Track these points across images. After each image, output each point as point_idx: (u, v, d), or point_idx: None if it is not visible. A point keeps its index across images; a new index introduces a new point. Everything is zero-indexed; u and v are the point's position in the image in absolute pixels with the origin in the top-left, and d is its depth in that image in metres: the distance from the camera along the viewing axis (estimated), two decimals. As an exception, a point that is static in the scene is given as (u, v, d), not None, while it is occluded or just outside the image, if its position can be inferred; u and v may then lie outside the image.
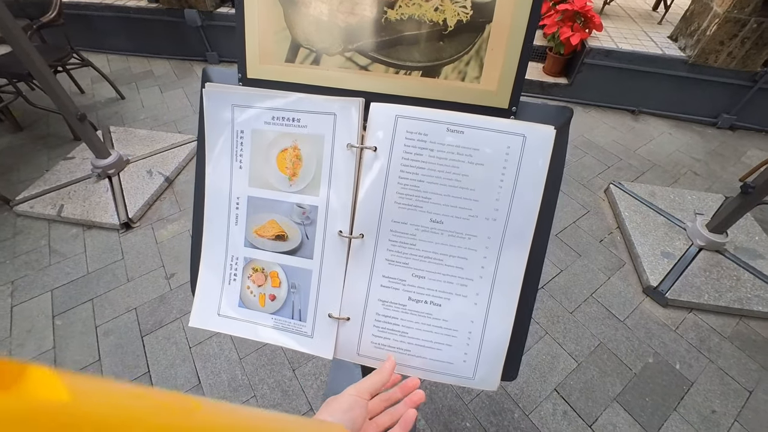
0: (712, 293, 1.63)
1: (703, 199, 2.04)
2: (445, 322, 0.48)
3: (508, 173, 0.45)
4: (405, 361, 0.50)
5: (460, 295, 0.48)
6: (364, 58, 0.46)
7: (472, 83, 0.44)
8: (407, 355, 0.50)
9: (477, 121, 0.43)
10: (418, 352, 0.49)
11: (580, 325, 1.56)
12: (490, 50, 0.42)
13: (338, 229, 0.49)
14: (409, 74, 0.45)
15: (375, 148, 0.46)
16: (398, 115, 0.45)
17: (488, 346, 0.49)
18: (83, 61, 2.51)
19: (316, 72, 0.47)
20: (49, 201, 1.96)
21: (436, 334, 0.48)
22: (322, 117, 0.48)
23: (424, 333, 0.49)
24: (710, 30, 2.33)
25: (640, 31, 2.80)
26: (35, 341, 1.50)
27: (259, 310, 0.53)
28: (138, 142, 2.30)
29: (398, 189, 0.47)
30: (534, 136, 0.44)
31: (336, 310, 0.51)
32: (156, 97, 2.81)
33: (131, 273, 1.72)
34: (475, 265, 0.47)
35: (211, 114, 0.51)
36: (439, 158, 0.45)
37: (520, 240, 0.46)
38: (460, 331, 0.48)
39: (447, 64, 0.44)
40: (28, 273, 1.73)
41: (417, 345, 0.49)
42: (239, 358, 1.44)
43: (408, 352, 0.50)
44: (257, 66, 0.49)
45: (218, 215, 0.54)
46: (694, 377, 1.42)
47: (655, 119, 2.74)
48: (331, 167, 0.48)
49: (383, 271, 0.49)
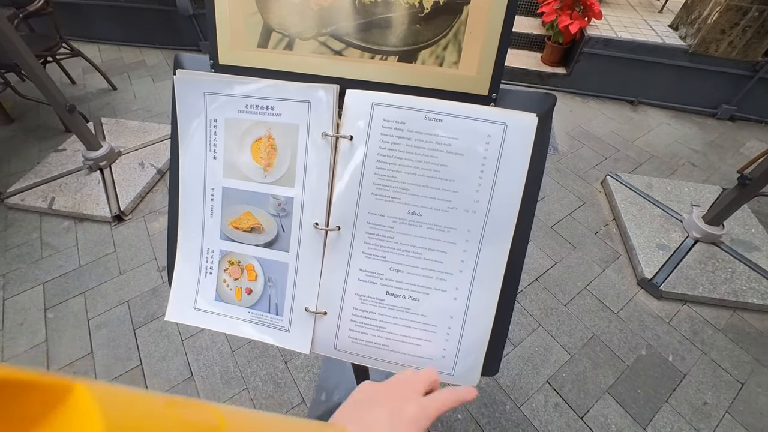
0: (707, 285, 1.62)
1: (700, 190, 2.03)
2: (423, 317, 0.47)
3: (488, 163, 0.43)
4: (382, 356, 0.49)
5: (440, 289, 0.46)
6: (338, 42, 0.44)
7: (451, 68, 0.42)
8: (385, 350, 0.49)
9: (456, 108, 0.42)
10: (396, 347, 0.48)
11: (574, 317, 1.55)
12: (469, 33, 0.40)
13: (314, 221, 0.48)
14: (385, 59, 0.43)
15: (351, 137, 0.45)
16: (375, 102, 0.43)
17: (468, 341, 0.48)
18: (73, 51, 2.47)
19: (289, 57, 0.45)
20: (41, 193, 1.94)
21: (414, 329, 0.47)
22: (296, 105, 0.46)
23: (402, 328, 0.48)
24: (711, 18, 2.29)
25: (640, 19, 2.75)
26: (27, 335, 1.49)
27: (236, 304, 0.52)
28: (130, 133, 2.28)
29: (375, 180, 0.45)
30: (515, 125, 0.42)
31: (313, 304, 0.50)
32: (148, 88, 2.77)
33: (123, 266, 1.71)
34: (455, 258, 0.46)
35: (183, 102, 0.49)
36: (417, 147, 0.43)
37: (501, 233, 0.45)
38: (440, 326, 0.47)
39: (424, 49, 0.42)
40: (20, 266, 1.72)
41: (395, 340, 0.48)
42: (231, 350, 1.43)
43: (386, 347, 0.48)
44: (229, 51, 0.47)
45: (193, 207, 0.52)
46: (687, 369, 1.42)
47: (654, 110, 2.70)
48: (306, 157, 0.47)
49: (360, 264, 0.47)
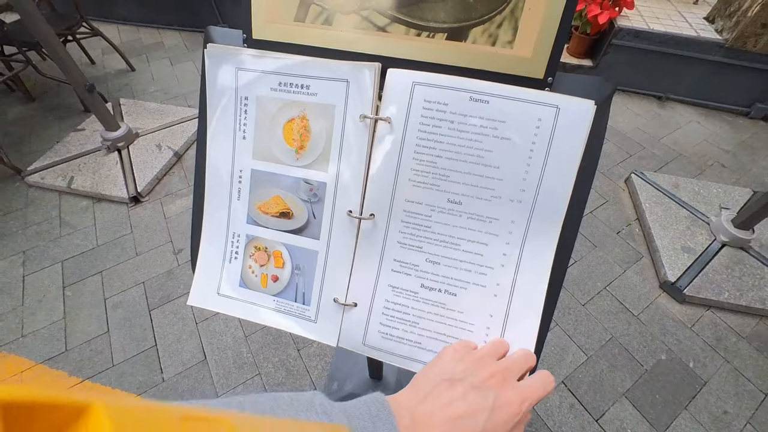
0: (733, 291, 1.56)
1: (729, 192, 1.95)
2: (461, 314, 0.44)
3: (537, 150, 0.40)
4: (414, 355, 0.46)
5: (479, 284, 0.44)
6: (382, 17, 0.40)
7: (504, 48, 0.39)
8: (417, 348, 0.46)
9: (504, 90, 0.38)
10: (429, 345, 0.45)
11: (592, 318, 1.52)
12: (528, 9, 0.37)
13: (348, 209, 0.45)
14: (432, 37, 0.40)
15: (389, 120, 0.42)
16: (415, 81, 0.40)
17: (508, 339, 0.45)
18: (93, 31, 2.47)
19: (328, 33, 0.42)
20: (60, 172, 1.96)
21: (450, 326, 0.45)
22: (333, 84, 0.43)
23: (437, 324, 0.45)
24: (752, 11, 2.17)
25: (673, 10, 2.63)
26: (46, 311, 1.52)
27: (261, 291, 0.50)
28: (148, 115, 2.28)
29: (413, 165, 0.42)
30: (570, 110, 0.39)
31: (342, 295, 0.47)
32: (166, 70, 2.76)
33: (139, 247, 1.72)
34: (497, 251, 0.43)
35: (213, 78, 0.47)
36: (460, 131, 0.40)
37: (549, 226, 0.42)
38: (477, 325, 0.44)
39: (476, 26, 0.39)
40: (39, 243, 1.74)
41: (429, 337, 0.45)
42: (245, 335, 1.44)
43: (418, 344, 0.46)
44: (264, 25, 0.44)
45: (219, 189, 0.50)
46: (708, 377, 1.38)
47: (683, 106, 2.60)
48: (342, 140, 0.44)
49: (395, 254, 0.45)
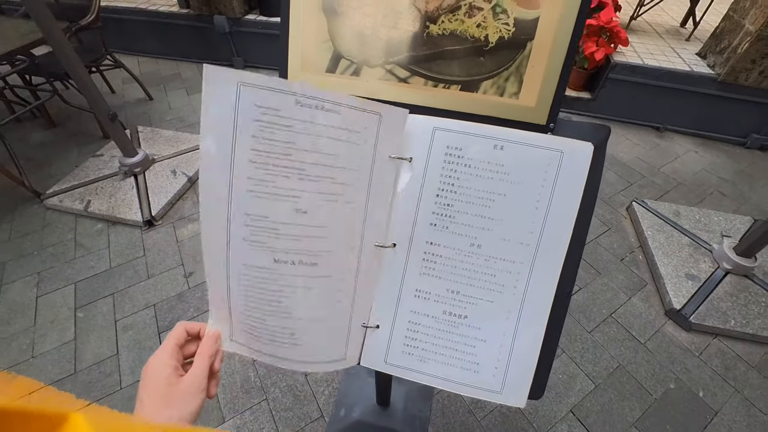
0: (739, 319, 1.57)
1: (730, 220, 1.98)
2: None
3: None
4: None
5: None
6: (403, 70, 0.46)
7: (511, 99, 0.44)
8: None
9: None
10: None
11: (599, 345, 1.52)
12: (531, 67, 0.43)
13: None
14: (447, 88, 0.46)
15: (410, 159, 0.47)
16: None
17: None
18: (116, 63, 2.61)
19: (355, 83, 0.48)
20: (78, 196, 2.03)
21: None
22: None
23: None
24: (741, 48, 2.28)
25: (667, 47, 2.76)
26: (57, 332, 1.54)
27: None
28: (164, 142, 2.37)
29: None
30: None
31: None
32: (182, 99, 2.89)
33: (152, 270, 1.76)
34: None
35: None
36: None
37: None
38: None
39: (486, 80, 0.45)
40: (54, 265, 1.78)
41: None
42: (252, 360, 1.45)
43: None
44: (298, 74, 0.50)
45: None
46: (719, 406, 1.37)
47: (680, 137, 2.68)
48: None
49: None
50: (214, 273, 0.45)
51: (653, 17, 3.23)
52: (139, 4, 3.24)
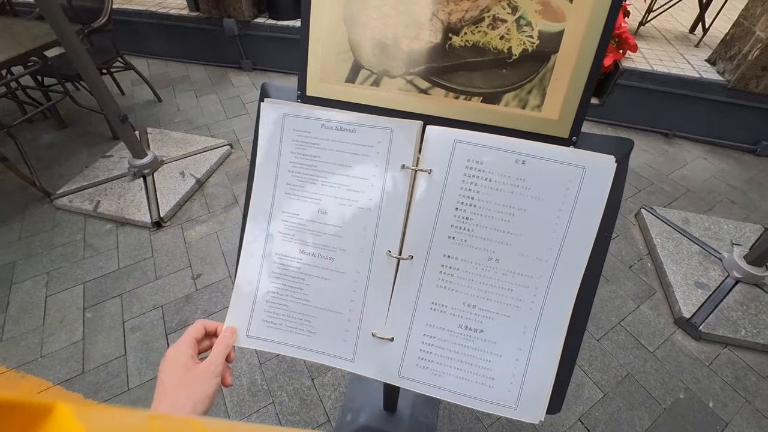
0: (750, 329, 1.55)
1: (740, 228, 1.96)
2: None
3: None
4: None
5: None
6: (424, 81, 0.46)
7: (533, 111, 0.44)
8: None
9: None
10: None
11: (607, 353, 1.51)
12: (554, 80, 0.42)
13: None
14: (468, 100, 0.46)
15: (430, 171, 0.47)
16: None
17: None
18: (126, 65, 2.64)
19: (375, 93, 0.48)
20: (87, 196, 2.05)
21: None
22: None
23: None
24: (752, 55, 2.26)
25: (676, 53, 2.74)
26: (66, 332, 1.55)
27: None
28: (173, 143, 2.39)
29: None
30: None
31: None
32: (191, 101, 2.91)
33: (159, 271, 1.76)
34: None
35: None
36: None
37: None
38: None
39: (508, 92, 0.44)
40: (63, 265, 1.80)
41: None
42: (259, 363, 1.45)
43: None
44: (317, 84, 0.50)
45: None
46: (729, 417, 1.35)
47: (689, 143, 2.66)
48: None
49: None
50: (247, 262, 0.54)
51: (662, 23, 3.22)
52: (150, 7, 3.27)
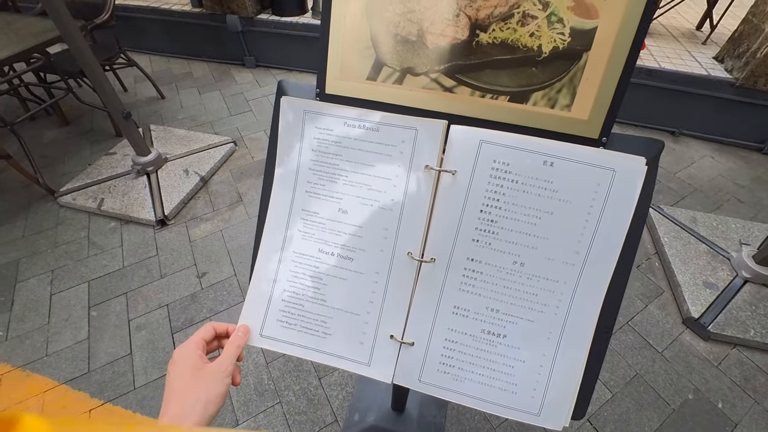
0: (759, 329, 1.54)
1: (748, 228, 1.95)
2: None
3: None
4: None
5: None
6: (449, 80, 0.45)
7: (563, 111, 0.43)
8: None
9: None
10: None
11: (616, 353, 1.50)
12: (585, 79, 0.41)
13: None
14: (495, 98, 0.44)
15: (454, 172, 0.45)
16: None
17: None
18: (129, 61, 2.62)
19: (398, 91, 0.47)
20: (91, 194, 2.04)
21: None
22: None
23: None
24: (761, 52, 2.24)
25: (683, 50, 2.71)
26: (71, 331, 1.54)
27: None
28: (176, 141, 2.37)
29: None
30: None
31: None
32: (194, 98, 2.89)
33: (164, 269, 1.76)
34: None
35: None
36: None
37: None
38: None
39: (537, 91, 0.43)
40: (68, 263, 1.79)
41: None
42: (266, 362, 1.44)
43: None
44: (336, 81, 0.49)
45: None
46: (738, 418, 1.34)
47: (696, 142, 2.64)
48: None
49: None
50: (265, 260, 0.53)
51: (669, 20, 3.19)
52: (152, 3, 3.25)
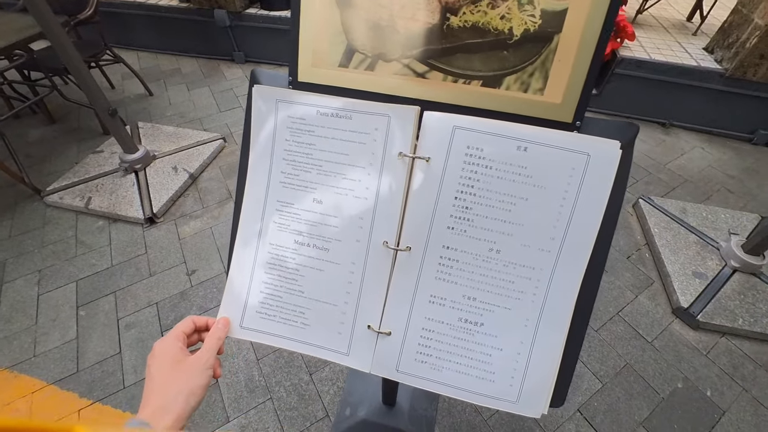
0: (747, 318, 1.55)
1: (737, 218, 1.96)
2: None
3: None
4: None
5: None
6: (421, 65, 0.44)
7: (535, 95, 0.42)
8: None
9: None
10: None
11: (606, 344, 1.50)
12: (557, 61, 0.40)
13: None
14: (468, 83, 0.44)
15: (428, 159, 0.44)
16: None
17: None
18: (116, 58, 2.58)
19: (370, 78, 0.46)
20: (78, 193, 2.01)
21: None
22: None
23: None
24: (750, 42, 2.25)
25: (673, 41, 2.72)
26: (59, 331, 1.53)
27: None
28: (164, 138, 2.34)
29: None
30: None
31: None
32: (183, 95, 2.86)
33: (153, 267, 1.74)
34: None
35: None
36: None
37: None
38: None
39: (509, 75, 0.42)
40: (55, 263, 1.77)
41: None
42: (257, 358, 1.43)
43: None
44: (309, 69, 0.48)
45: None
46: (727, 406, 1.36)
47: (686, 133, 2.65)
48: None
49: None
50: (241, 252, 0.52)
51: (659, 11, 3.19)
52: (138, -2, 3.20)
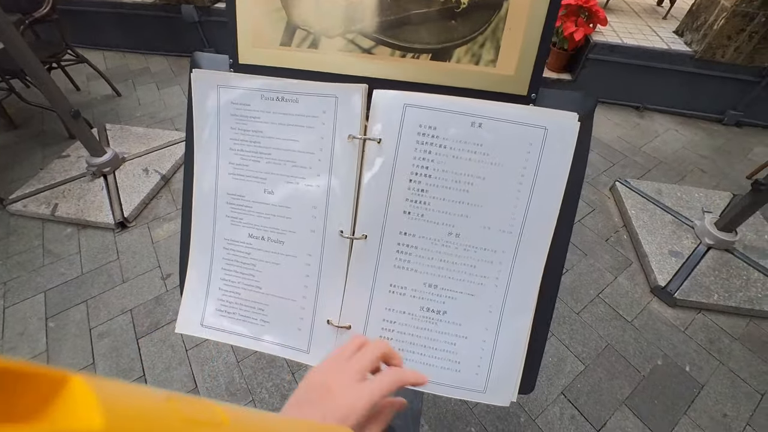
0: (722, 293, 1.59)
1: (710, 196, 2.00)
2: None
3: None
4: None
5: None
6: (367, 40, 0.41)
7: (487, 67, 0.40)
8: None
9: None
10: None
11: (587, 326, 1.52)
12: (508, 30, 0.38)
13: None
14: (417, 57, 0.41)
15: (379, 140, 0.42)
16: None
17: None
18: (78, 58, 2.47)
19: (314, 56, 0.43)
20: (43, 200, 1.92)
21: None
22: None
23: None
24: (717, 24, 2.28)
25: (644, 25, 2.75)
26: (28, 344, 1.46)
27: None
28: (134, 139, 2.26)
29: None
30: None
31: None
32: (153, 94, 2.76)
33: (126, 273, 1.68)
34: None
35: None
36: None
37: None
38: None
39: (459, 46, 0.40)
40: (21, 274, 1.68)
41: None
42: (237, 361, 1.40)
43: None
44: (250, 50, 0.45)
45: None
46: (705, 380, 1.39)
47: (660, 116, 2.69)
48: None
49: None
50: (197, 249, 0.51)
51: (630, -4, 3.22)
52: (101, -5, 3.06)
